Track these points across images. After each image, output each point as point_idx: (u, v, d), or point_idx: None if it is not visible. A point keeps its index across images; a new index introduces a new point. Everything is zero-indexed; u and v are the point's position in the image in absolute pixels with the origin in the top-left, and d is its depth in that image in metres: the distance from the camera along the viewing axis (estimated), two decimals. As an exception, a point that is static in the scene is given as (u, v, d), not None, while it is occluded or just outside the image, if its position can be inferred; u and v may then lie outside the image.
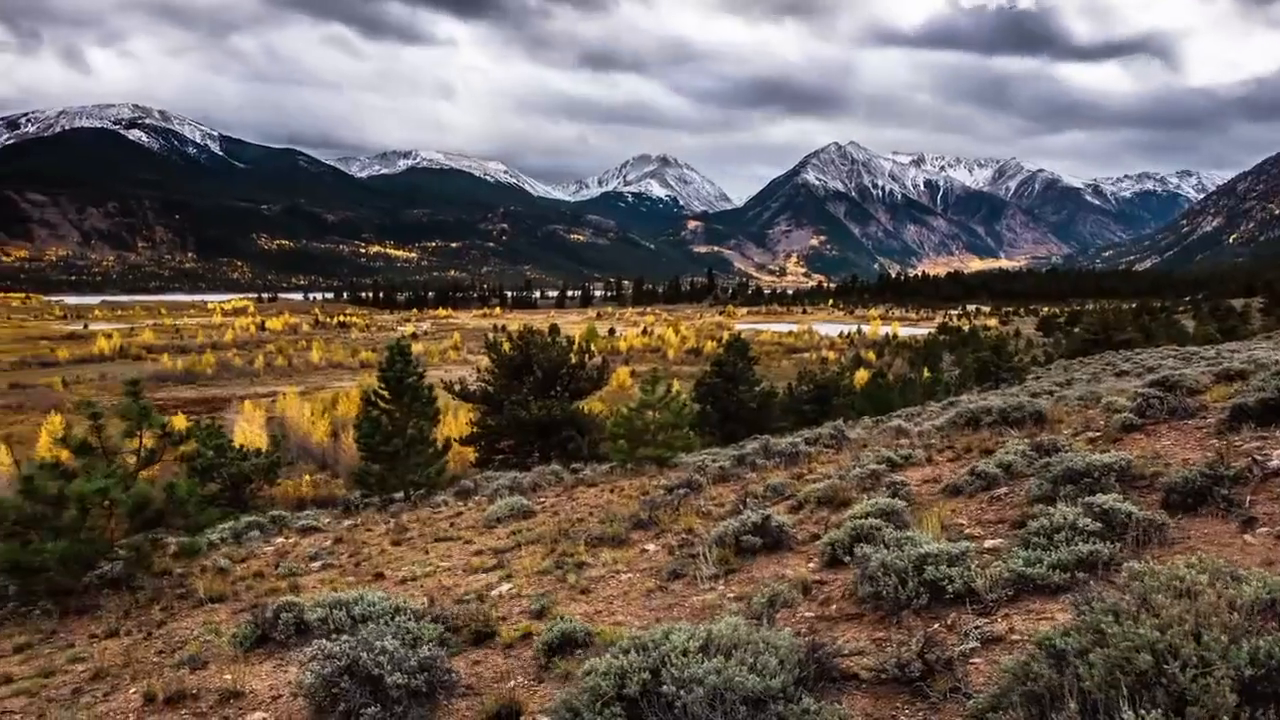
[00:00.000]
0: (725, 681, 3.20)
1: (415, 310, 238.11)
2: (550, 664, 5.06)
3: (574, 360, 33.07)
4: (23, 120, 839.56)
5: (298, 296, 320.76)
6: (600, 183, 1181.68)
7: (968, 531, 6.17)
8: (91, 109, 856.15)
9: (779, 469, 12.95)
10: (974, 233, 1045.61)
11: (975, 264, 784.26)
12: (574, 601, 6.66)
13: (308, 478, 49.73)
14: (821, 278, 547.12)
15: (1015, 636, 4.13)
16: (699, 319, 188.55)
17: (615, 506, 11.71)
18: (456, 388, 32.55)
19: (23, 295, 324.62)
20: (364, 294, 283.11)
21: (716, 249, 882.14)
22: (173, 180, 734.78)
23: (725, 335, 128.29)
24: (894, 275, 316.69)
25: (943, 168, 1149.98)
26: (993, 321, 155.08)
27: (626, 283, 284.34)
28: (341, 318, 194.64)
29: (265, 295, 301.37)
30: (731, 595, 5.91)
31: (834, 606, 5.20)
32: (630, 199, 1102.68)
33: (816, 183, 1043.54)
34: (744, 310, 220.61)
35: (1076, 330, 77.36)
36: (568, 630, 5.24)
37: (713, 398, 37.95)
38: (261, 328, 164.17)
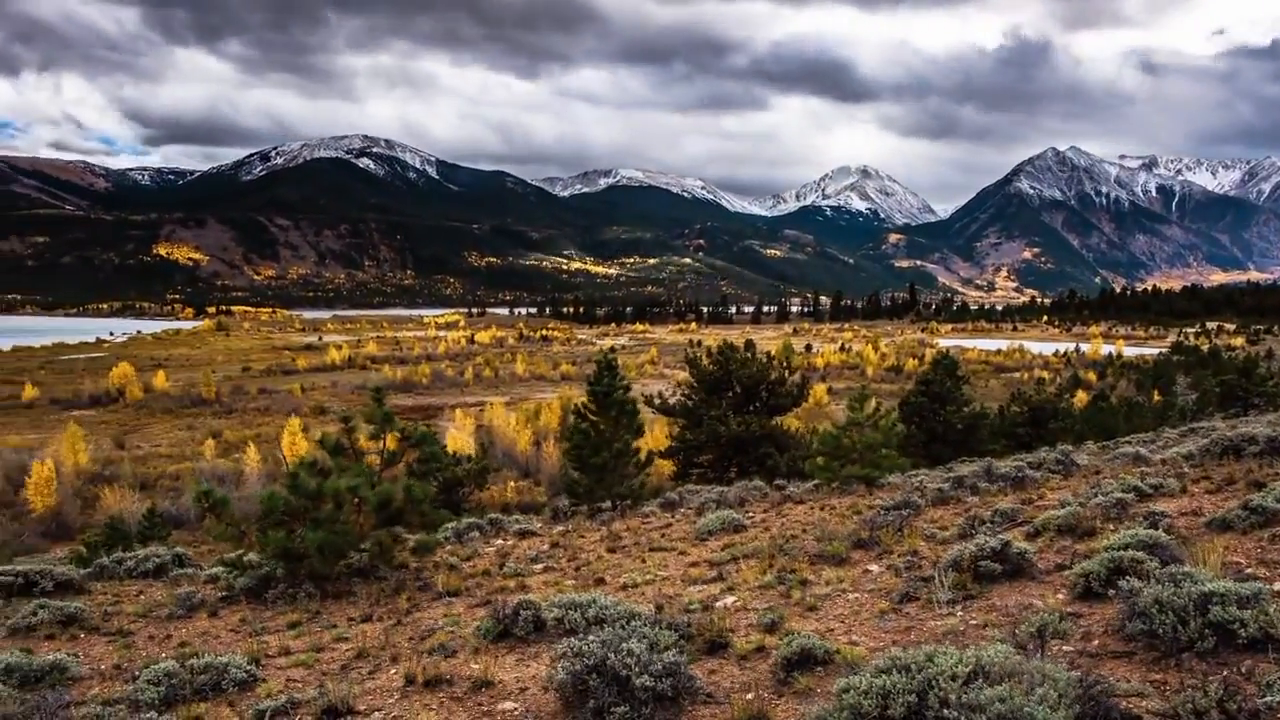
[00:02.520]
0: (1012, 711, 3.06)
1: (613, 325, 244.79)
2: (790, 679, 5.03)
3: (773, 376, 32.88)
4: (273, 154, 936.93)
5: (504, 311, 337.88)
6: (798, 197, 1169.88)
7: (1249, 571, 5.59)
8: (329, 140, 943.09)
9: (1003, 494, 12.28)
10: (1216, 242, 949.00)
11: (1217, 276, 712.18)
12: (802, 618, 6.59)
13: (512, 484, 51.94)
14: (1034, 293, 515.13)
15: (1325, 691, 3.69)
16: (899, 336, 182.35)
17: (830, 525, 11.50)
18: (656, 401, 33.13)
19: (270, 310, 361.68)
20: (565, 309, 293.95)
21: (919, 263, 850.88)
22: (395, 203, 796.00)
23: (928, 353, 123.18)
24: (1118, 289, 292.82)
25: (1179, 171, 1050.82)
26: (1239, 340, 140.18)
27: (824, 298, 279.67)
28: (544, 332, 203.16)
29: (474, 310, 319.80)
30: (974, 622, 5.66)
31: (1096, 642, 4.85)
32: (829, 212, 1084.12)
33: (1031, 191, 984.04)
34: (948, 327, 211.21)
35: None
36: (806, 646, 5.19)
37: (918, 417, 36.53)
38: (471, 341, 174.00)
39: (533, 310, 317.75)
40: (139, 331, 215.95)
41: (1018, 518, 9.18)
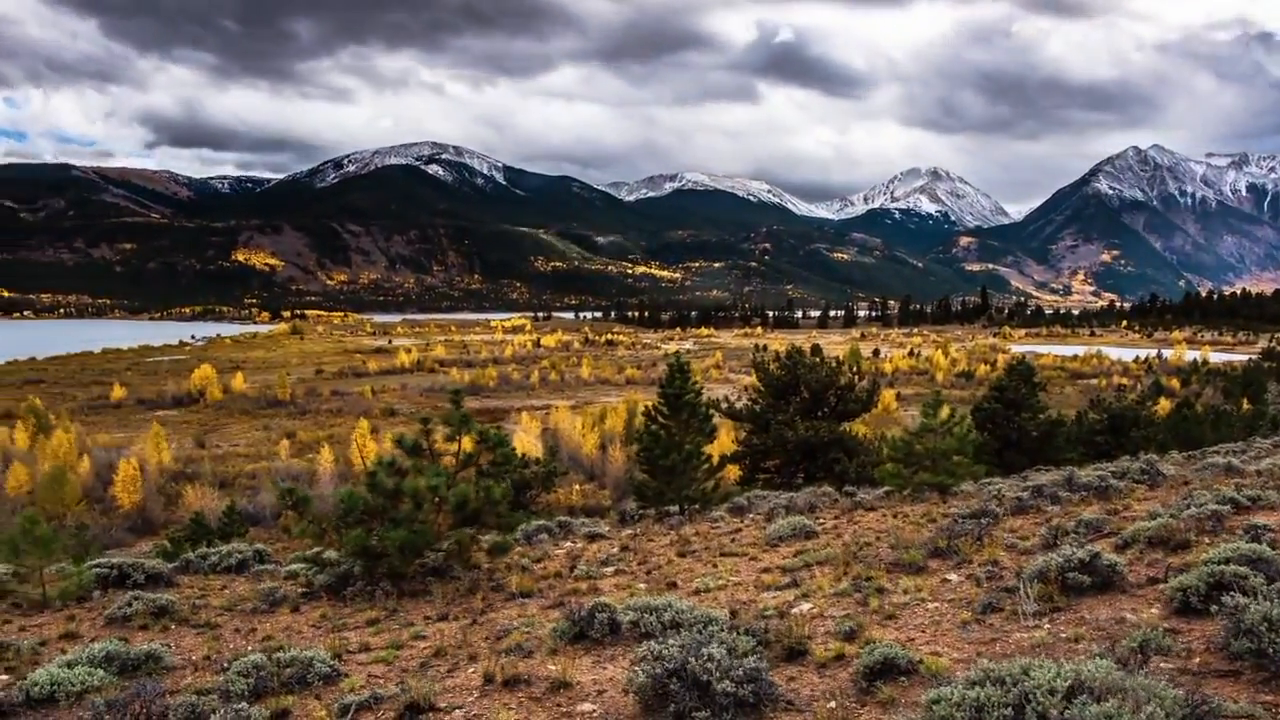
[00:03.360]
0: (1119, 728, 2.96)
1: (678, 329, 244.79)
2: (873, 688, 4.95)
3: (843, 381, 32.46)
4: (346, 161, 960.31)
5: (569, 315, 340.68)
6: (866, 199, 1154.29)
7: (1361, 588, 5.31)
8: (398, 148, 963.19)
9: (1085, 503, 11.92)
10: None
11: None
12: (881, 627, 6.48)
13: (577, 487, 52.22)
14: (1113, 296, 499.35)
15: None
16: (970, 341, 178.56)
17: (904, 532, 11.30)
18: (723, 406, 32.98)
19: (342, 314, 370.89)
20: (630, 313, 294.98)
21: (991, 266, 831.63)
22: (463, 209, 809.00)
23: (1000, 358, 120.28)
24: (1204, 293, 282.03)
25: (1273, 168, 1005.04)
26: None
27: (892, 302, 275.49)
28: (609, 336, 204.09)
29: (540, 314, 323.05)
30: (1064, 635, 5.49)
31: (1198, 660, 4.67)
32: (897, 215, 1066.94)
33: (1110, 192, 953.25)
34: (1021, 331, 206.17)
35: None
36: (889, 655, 5.10)
37: (991, 424, 35.67)
38: (537, 344, 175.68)
39: (598, 314, 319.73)
40: (218, 335, 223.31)
41: (1104, 529, 8.89)
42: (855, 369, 33.46)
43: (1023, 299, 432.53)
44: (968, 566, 8.36)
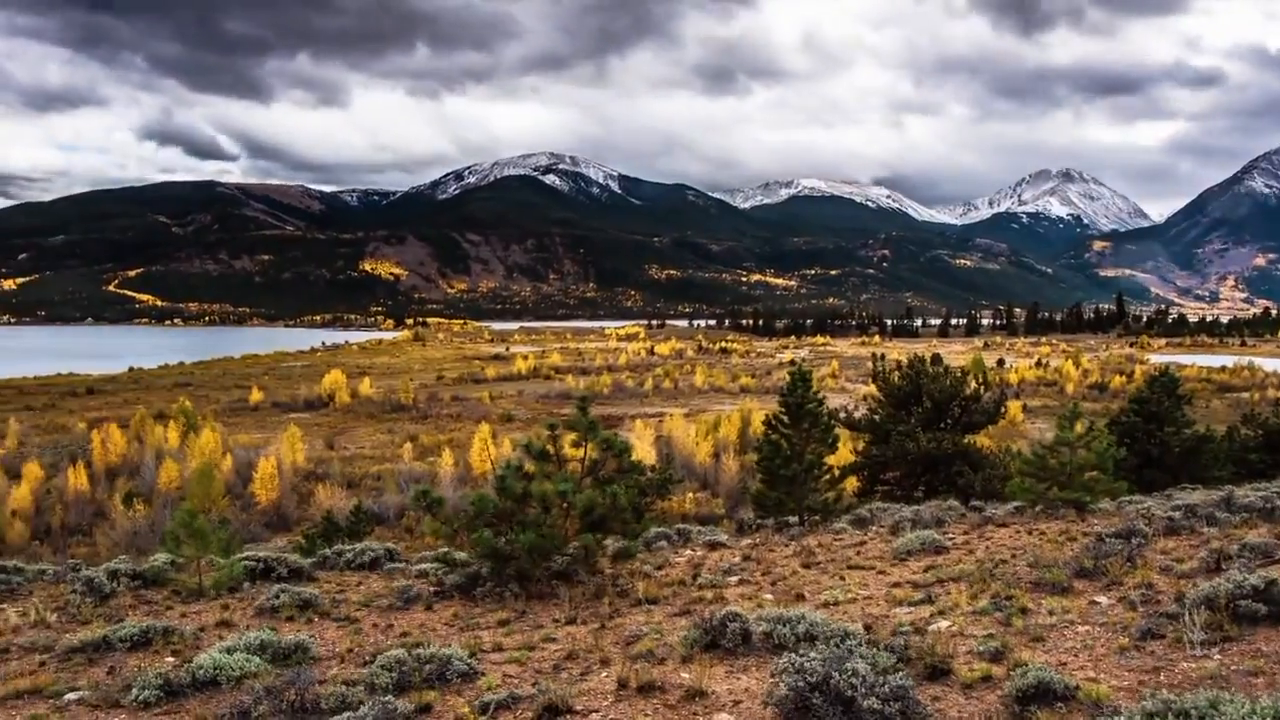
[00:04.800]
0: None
1: (793, 337, 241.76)
2: (1026, 713, 4.73)
3: (968, 392, 31.40)
4: (466, 173, 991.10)
5: (683, 323, 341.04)
6: (991, 204, 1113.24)
7: None
8: (517, 159, 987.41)
9: (1248, 526, 11.13)
10: None
11: None
12: (1028, 649, 6.19)
13: (691, 495, 52.11)
14: (1268, 303, 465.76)
15: None
16: (1104, 351, 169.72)
17: (1043, 551, 10.80)
18: (841, 415, 32.35)
19: (461, 321, 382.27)
20: (744, 321, 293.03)
21: (1128, 272, 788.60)
22: (579, 218, 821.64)
23: (1137, 369, 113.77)
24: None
25: None
26: None
27: (1018, 310, 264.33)
28: (723, 344, 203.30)
29: (654, 322, 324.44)
30: (1238, 668, 5.12)
31: (1400, 700, 4.26)
32: (1025, 219, 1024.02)
33: (1266, 190, 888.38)
34: (1161, 341, 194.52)
35: None
36: (1043, 679, 4.87)
37: (1129, 439, 33.75)
38: (651, 352, 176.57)
39: (711, 322, 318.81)
40: (346, 341, 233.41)
41: (1275, 554, 8.27)
42: (981, 379, 32.21)
43: (1163, 306, 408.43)
44: (1118, 589, 7.92)
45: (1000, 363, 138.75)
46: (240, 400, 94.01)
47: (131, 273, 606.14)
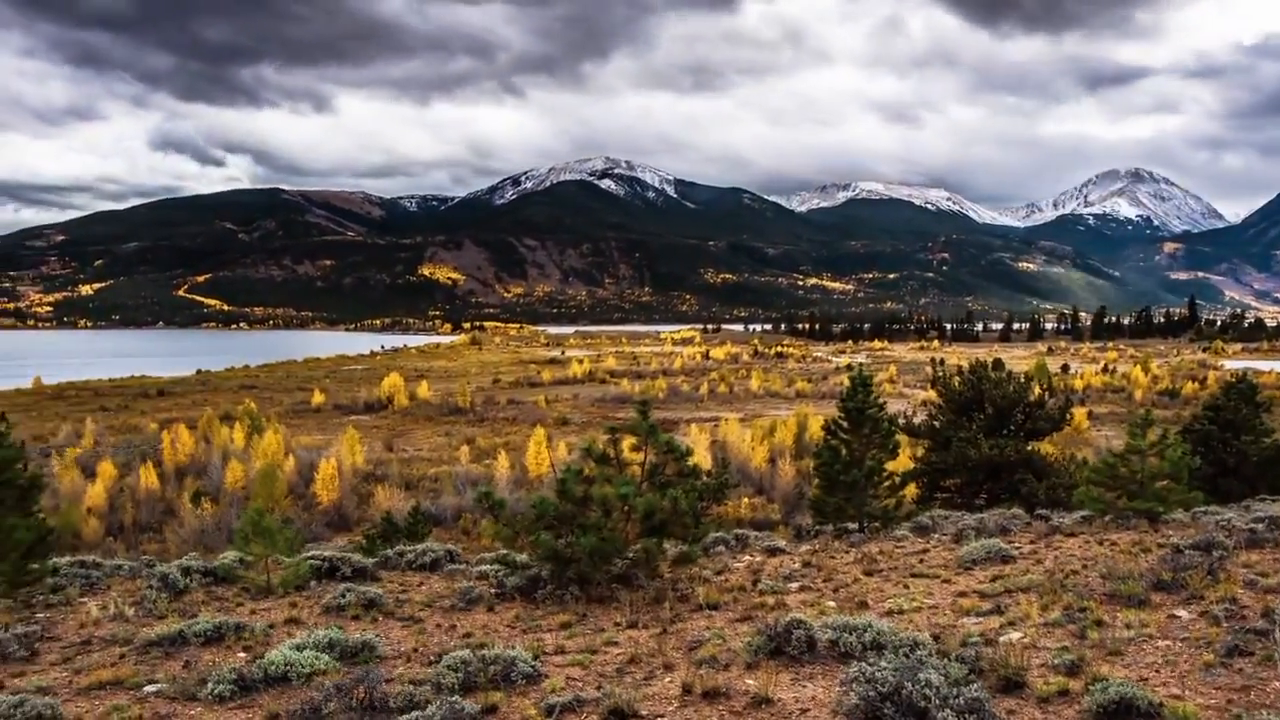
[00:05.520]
0: None
1: (850, 342, 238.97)
2: (1108, 730, 4.58)
3: (1032, 398, 30.72)
4: (523, 178, 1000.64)
5: (738, 327, 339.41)
6: (1055, 205, 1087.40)
7: None
8: (574, 164, 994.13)
9: (1334, 539, 10.66)
10: None
11: None
12: (1106, 663, 6.01)
13: (746, 500, 51.78)
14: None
15: None
16: (1174, 356, 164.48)
17: (1116, 562, 10.48)
18: (901, 421, 31.85)
19: (518, 325, 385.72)
20: (800, 325, 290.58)
21: (1201, 275, 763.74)
22: (634, 222, 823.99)
23: (1210, 375, 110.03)
24: None
25: None
26: None
27: (1083, 314, 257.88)
28: (778, 348, 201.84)
29: (709, 326, 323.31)
30: (1335, 687, 4.89)
31: None
32: (1091, 221, 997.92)
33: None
34: (1236, 346, 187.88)
35: None
36: (1125, 695, 4.71)
37: (1203, 447, 32.64)
38: (706, 356, 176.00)
39: (767, 327, 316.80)
40: (404, 345, 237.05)
41: (1366, 568, 7.91)
42: (1046, 385, 31.45)
43: (1239, 310, 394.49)
44: (1199, 603, 7.65)
45: (1065, 368, 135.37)
46: (302, 402, 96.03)
47: (200, 278, 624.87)
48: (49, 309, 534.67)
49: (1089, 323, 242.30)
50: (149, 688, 6.96)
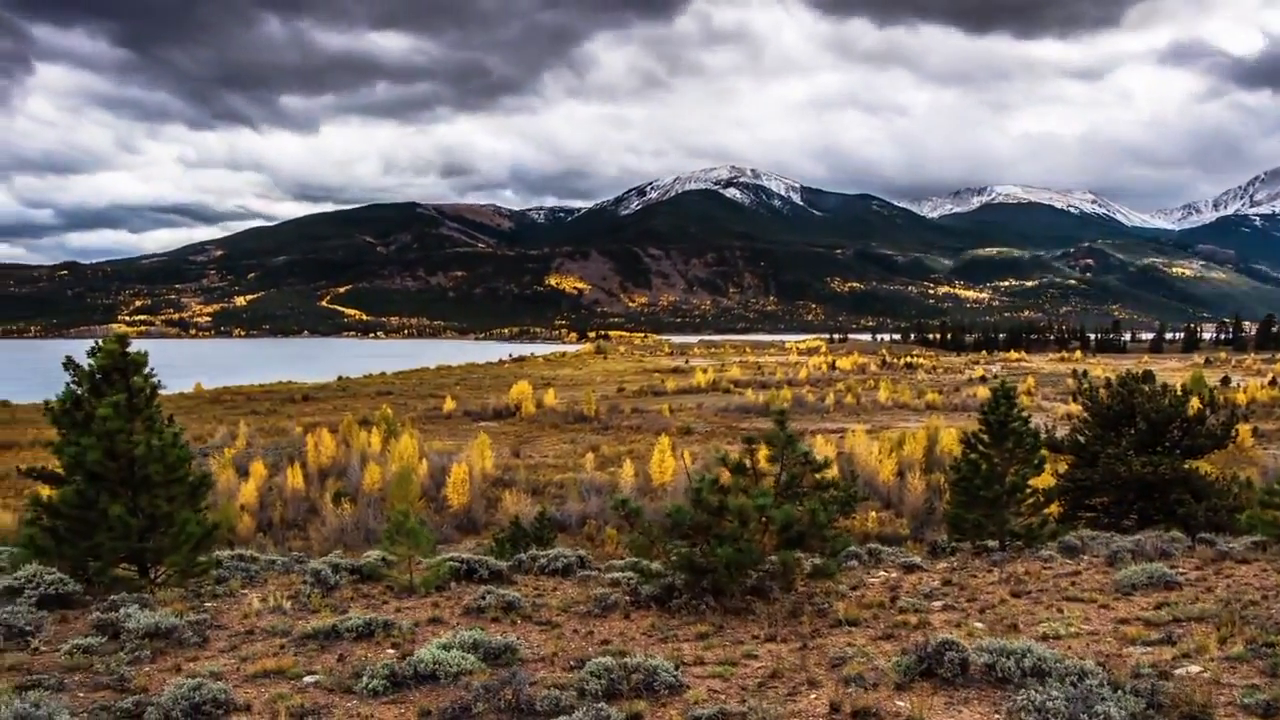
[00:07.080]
0: None
1: (984, 352, 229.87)
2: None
3: (1190, 412, 28.73)
4: (648, 189, 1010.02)
5: (866, 337, 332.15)
6: (1216, 206, 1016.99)
7: None
8: (698, 174, 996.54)
9: None
10: None
11: None
12: (1304, 705, 5.48)
13: (874, 514, 50.52)
14: None
15: None
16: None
17: (1301, 592, 9.63)
18: (1043, 435, 30.35)
19: (642, 334, 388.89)
20: (931, 335, 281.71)
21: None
22: (759, 231, 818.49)
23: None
24: None
25: None
26: None
27: (1247, 323, 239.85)
28: (908, 359, 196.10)
29: (836, 335, 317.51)
30: None
31: None
32: (1258, 222, 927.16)
33: None
34: None
35: None
36: (1336, 742, 4.27)
37: (1391, 469, 29.83)
38: (832, 367, 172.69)
39: (896, 336, 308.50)
40: (531, 354, 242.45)
41: None
42: (1208, 400, 29.33)
43: None
44: None
45: (1225, 381, 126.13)
46: (435, 408, 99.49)
47: (341, 289, 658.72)
48: (208, 319, 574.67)
49: (1253, 332, 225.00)
50: (308, 678, 7.29)
